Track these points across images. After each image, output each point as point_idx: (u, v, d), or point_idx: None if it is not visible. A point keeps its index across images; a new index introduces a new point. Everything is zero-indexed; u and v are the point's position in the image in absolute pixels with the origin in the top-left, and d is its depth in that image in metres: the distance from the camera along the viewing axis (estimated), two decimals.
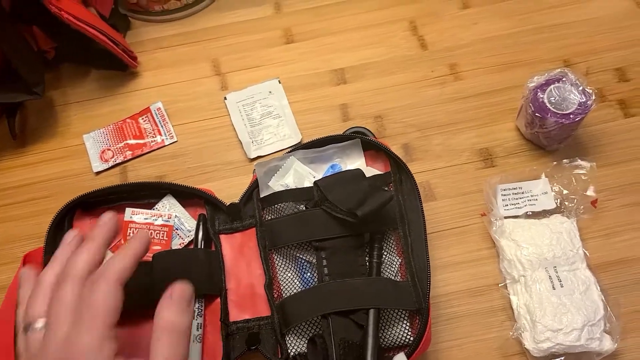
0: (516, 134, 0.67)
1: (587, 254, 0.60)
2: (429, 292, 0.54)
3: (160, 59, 0.75)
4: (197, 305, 0.59)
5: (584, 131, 0.67)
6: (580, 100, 0.61)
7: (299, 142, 0.68)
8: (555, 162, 0.64)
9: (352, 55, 0.74)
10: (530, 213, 0.62)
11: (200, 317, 0.59)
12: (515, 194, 0.63)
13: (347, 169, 0.63)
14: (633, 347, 0.57)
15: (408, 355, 0.52)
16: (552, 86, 0.62)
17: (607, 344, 0.55)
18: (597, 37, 0.73)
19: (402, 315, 0.56)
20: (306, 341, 0.55)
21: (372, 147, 0.64)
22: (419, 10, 0.76)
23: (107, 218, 0.47)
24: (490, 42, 0.73)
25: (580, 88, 0.61)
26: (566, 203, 0.62)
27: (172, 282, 0.43)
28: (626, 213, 0.62)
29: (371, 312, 0.54)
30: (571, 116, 0.60)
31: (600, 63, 0.71)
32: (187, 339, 0.42)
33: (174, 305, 0.42)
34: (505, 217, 0.62)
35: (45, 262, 0.60)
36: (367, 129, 0.67)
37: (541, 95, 0.61)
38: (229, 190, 0.66)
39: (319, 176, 0.63)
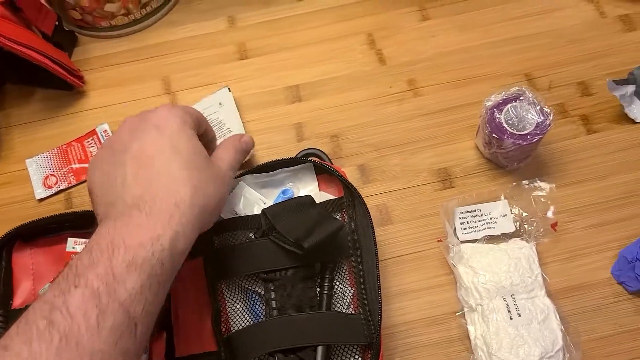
0: (475, 153, 0.65)
1: (547, 279, 0.58)
2: (380, 325, 0.52)
3: (108, 77, 0.72)
4: None
5: (545, 149, 0.65)
6: (538, 120, 0.58)
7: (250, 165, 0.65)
8: (514, 183, 0.62)
9: (308, 71, 0.71)
10: (489, 237, 0.60)
11: (145, 354, 0.56)
12: (474, 216, 0.61)
13: (299, 194, 0.61)
14: None
15: None
16: (509, 105, 0.59)
17: None
18: (559, 49, 0.70)
19: (354, 350, 0.54)
20: None
21: (325, 171, 0.61)
22: (377, 23, 0.74)
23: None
24: (449, 55, 0.71)
25: (538, 107, 0.59)
26: (525, 226, 0.60)
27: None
28: (587, 235, 0.60)
29: (319, 349, 0.51)
30: (529, 137, 0.58)
31: (562, 77, 0.69)
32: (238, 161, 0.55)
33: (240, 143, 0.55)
34: (463, 242, 0.60)
35: None
36: (322, 151, 0.64)
37: (498, 116, 0.59)
38: None
39: (270, 202, 0.60)
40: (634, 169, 0.63)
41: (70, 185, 0.66)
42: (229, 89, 0.69)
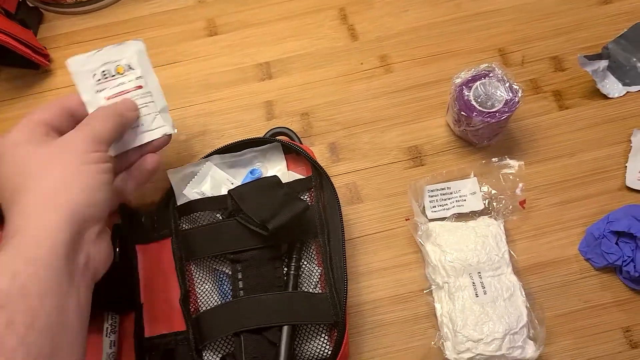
0: (446, 130, 0.65)
1: (515, 257, 0.58)
2: (345, 304, 0.52)
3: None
4: (110, 321, 0.56)
5: (517, 125, 0.64)
6: (507, 98, 0.58)
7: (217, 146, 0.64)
8: (484, 161, 0.62)
9: (279, 48, 0.70)
10: (458, 215, 0.60)
11: (114, 333, 0.56)
12: (444, 194, 0.61)
13: (268, 174, 0.61)
14: (558, 352, 0.56)
15: None
16: (478, 82, 0.59)
17: (530, 351, 0.54)
18: (532, 23, 0.69)
19: (321, 329, 0.54)
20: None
21: (293, 150, 0.61)
22: None
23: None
24: (421, 30, 0.70)
25: (507, 84, 0.58)
26: (494, 204, 0.60)
27: None
28: (555, 212, 0.61)
29: (284, 328, 0.52)
30: (497, 114, 0.57)
31: (535, 51, 0.68)
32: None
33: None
34: (432, 220, 0.60)
35: None
36: (291, 130, 0.63)
37: (467, 93, 0.58)
38: (146, 198, 0.63)
39: (238, 182, 0.60)
40: (603, 145, 0.63)
41: None
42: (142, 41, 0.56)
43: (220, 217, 0.57)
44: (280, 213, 0.53)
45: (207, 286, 0.57)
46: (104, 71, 0.53)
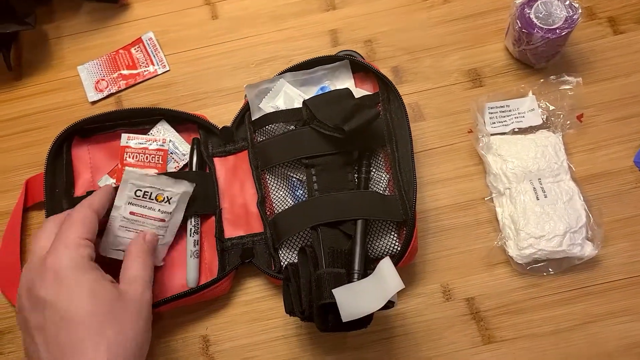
0: (504, 54, 0.68)
1: (572, 167, 0.61)
2: (415, 204, 0.56)
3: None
4: (193, 222, 0.61)
5: (573, 49, 0.67)
6: (567, 15, 0.61)
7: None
8: (542, 80, 0.65)
9: None
10: (517, 130, 0.63)
11: (197, 234, 0.61)
12: (503, 111, 0.64)
13: None
14: (614, 253, 0.58)
15: (395, 263, 0.54)
16: (538, 2, 0.62)
17: (589, 250, 0.57)
18: None
19: (390, 227, 0.58)
20: (297, 253, 0.57)
21: (361, 69, 0.64)
22: None
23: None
24: None
25: (567, 3, 0.61)
26: (552, 119, 0.63)
27: None
28: (611, 128, 0.63)
29: (359, 222, 0.56)
30: (557, 31, 0.60)
31: None
32: (151, 269, 0.53)
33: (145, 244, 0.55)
34: (492, 135, 0.63)
35: (46, 187, 0.62)
36: (357, 52, 0.67)
37: (528, 11, 0.62)
38: (222, 116, 0.67)
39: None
40: None
41: (120, 89, 0.70)
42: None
43: (294, 128, 0.61)
44: (354, 119, 0.57)
45: (281, 192, 0.61)
46: (146, 192, 0.58)
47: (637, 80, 0.65)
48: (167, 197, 0.58)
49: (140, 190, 0.58)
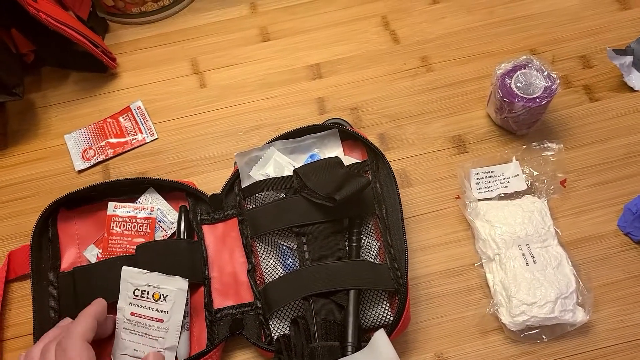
0: (487, 121, 0.70)
1: (559, 232, 0.62)
2: (407, 273, 0.56)
3: (138, 60, 0.77)
4: None
5: (552, 116, 0.70)
6: (546, 85, 0.63)
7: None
8: (525, 146, 0.67)
9: (327, 51, 0.76)
10: (503, 195, 0.65)
11: (187, 305, 0.60)
12: (488, 177, 0.66)
13: None
14: (605, 318, 0.59)
15: (388, 334, 0.53)
16: (518, 72, 0.64)
17: (580, 316, 0.57)
18: (560, 27, 0.76)
19: (382, 297, 0.58)
20: (289, 324, 0.56)
21: (349, 137, 0.66)
22: (389, 6, 0.79)
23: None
24: (458, 35, 0.76)
25: (545, 73, 0.64)
26: (537, 184, 0.65)
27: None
28: (592, 192, 0.65)
29: (351, 292, 0.55)
30: (537, 100, 0.63)
31: (565, 51, 0.74)
32: None
33: None
34: (479, 200, 0.64)
35: (32, 262, 0.60)
36: (345, 120, 0.69)
37: (508, 81, 0.64)
38: (210, 184, 0.67)
39: (299, 166, 0.64)
40: (633, 132, 0.68)
41: (107, 157, 0.70)
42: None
43: (284, 196, 0.61)
44: (344, 187, 0.57)
45: (271, 261, 0.61)
46: (143, 290, 0.58)
47: (613, 146, 0.67)
48: (163, 294, 0.58)
49: (138, 290, 0.57)
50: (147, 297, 0.57)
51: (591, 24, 0.76)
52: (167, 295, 0.58)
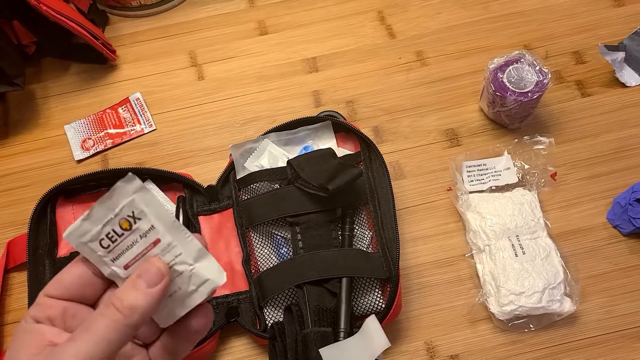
0: (479, 115, 0.71)
1: (548, 224, 0.63)
2: (398, 261, 0.57)
3: (138, 52, 0.78)
4: None
5: (544, 110, 0.71)
6: (537, 79, 0.64)
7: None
8: (516, 140, 0.68)
9: (324, 45, 0.77)
10: (494, 187, 0.66)
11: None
12: (480, 170, 0.67)
13: None
14: (592, 309, 0.60)
15: (380, 320, 0.55)
16: (510, 67, 0.65)
17: (567, 306, 0.58)
18: (554, 23, 0.77)
19: (374, 285, 0.59)
20: (283, 312, 0.58)
21: (342, 129, 0.67)
22: (385, 1, 0.80)
23: None
24: (453, 30, 0.77)
25: (537, 68, 0.65)
26: (527, 177, 0.66)
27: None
28: (583, 186, 0.66)
29: (344, 280, 0.56)
30: (529, 94, 0.64)
31: (557, 47, 0.75)
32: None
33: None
34: (470, 192, 0.66)
35: (29, 247, 0.62)
36: (338, 113, 0.70)
37: (501, 75, 0.65)
38: (206, 174, 0.68)
39: (292, 157, 0.66)
40: (624, 127, 0.69)
41: (106, 147, 0.71)
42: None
43: (278, 186, 0.62)
44: (337, 178, 0.58)
45: (266, 250, 0.62)
46: (108, 233, 0.36)
47: (604, 140, 0.68)
48: (128, 215, 0.35)
49: (103, 238, 0.35)
50: (120, 235, 0.35)
51: (585, 20, 0.77)
52: (133, 211, 0.35)
